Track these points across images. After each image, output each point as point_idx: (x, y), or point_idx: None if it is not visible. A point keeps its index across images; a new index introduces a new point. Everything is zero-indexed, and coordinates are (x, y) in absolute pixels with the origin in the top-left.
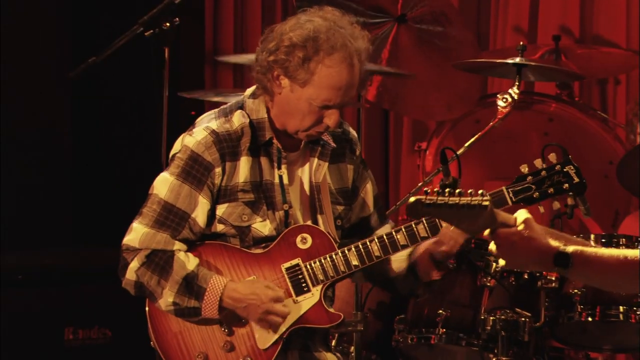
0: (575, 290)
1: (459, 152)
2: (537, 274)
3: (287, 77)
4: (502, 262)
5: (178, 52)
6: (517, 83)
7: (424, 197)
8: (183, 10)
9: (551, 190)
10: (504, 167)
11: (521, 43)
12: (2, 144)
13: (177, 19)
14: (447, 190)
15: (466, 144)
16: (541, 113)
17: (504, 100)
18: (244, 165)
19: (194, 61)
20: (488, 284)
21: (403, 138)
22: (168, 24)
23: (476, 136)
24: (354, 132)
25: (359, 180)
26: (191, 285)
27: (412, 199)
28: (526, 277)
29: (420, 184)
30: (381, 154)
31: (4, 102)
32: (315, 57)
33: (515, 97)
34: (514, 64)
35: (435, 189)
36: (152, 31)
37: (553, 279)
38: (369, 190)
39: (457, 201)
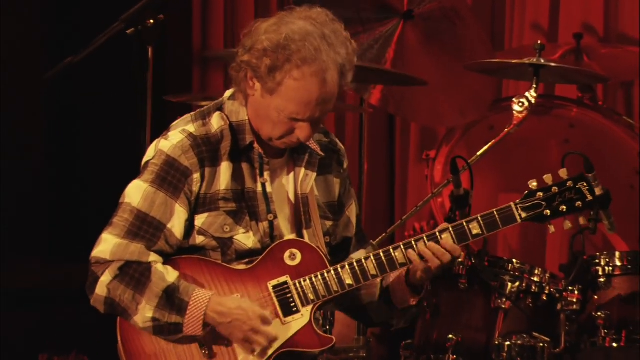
0: (599, 313)
1: (471, 161)
2: (557, 295)
3: (258, 82)
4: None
5: (163, 51)
6: (534, 85)
7: None
8: (168, 6)
9: (563, 207)
10: (521, 177)
11: (539, 42)
12: None
13: (161, 15)
14: None
15: (479, 153)
16: (561, 118)
17: (521, 104)
18: (224, 171)
19: (180, 62)
20: (503, 306)
21: (410, 146)
22: (152, 21)
23: (490, 144)
24: (341, 145)
25: (345, 197)
26: (172, 299)
27: None
28: (545, 298)
29: (428, 197)
30: (386, 164)
31: None
32: (284, 66)
33: (533, 101)
34: (532, 65)
35: None
36: (134, 28)
37: (574, 300)
38: (353, 210)
39: None
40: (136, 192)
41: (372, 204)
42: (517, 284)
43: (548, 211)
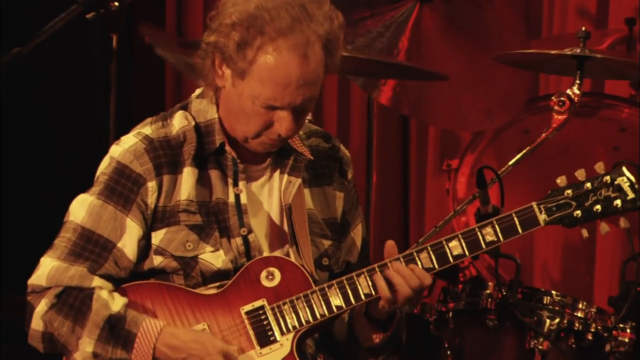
0: None
1: (501, 172)
2: (605, 334)
3: (228, 67)
4: None
5: (130, 40)
6: (578, 81)
7: None
8: None
9: (597, 207)
10: None
11: (583, 28)
12: None
13: None
14: None
15: (511, 162)
16: (610, 121)
17: (561, 104)
18: (187, 179)
19: (151, 52)
20: (540, 347)
21: (428, 154)
22: (116, 3)
23: (524, 151)
24: (346, 151)
25: (351, 214)
26: (117, 330)
27: None
28: (590, 338)
29: (450, 215)
30: (399, 175)
31: None
32: (254, 41)
33: (576, 100)
34: (575, 56)
35: None
36: (95, 12)
37: (626, 340)
38: (359, 232)
39: None
40: (80, 208)
41: (383, 224)
42: (557, 320)
43: (579, 212)
